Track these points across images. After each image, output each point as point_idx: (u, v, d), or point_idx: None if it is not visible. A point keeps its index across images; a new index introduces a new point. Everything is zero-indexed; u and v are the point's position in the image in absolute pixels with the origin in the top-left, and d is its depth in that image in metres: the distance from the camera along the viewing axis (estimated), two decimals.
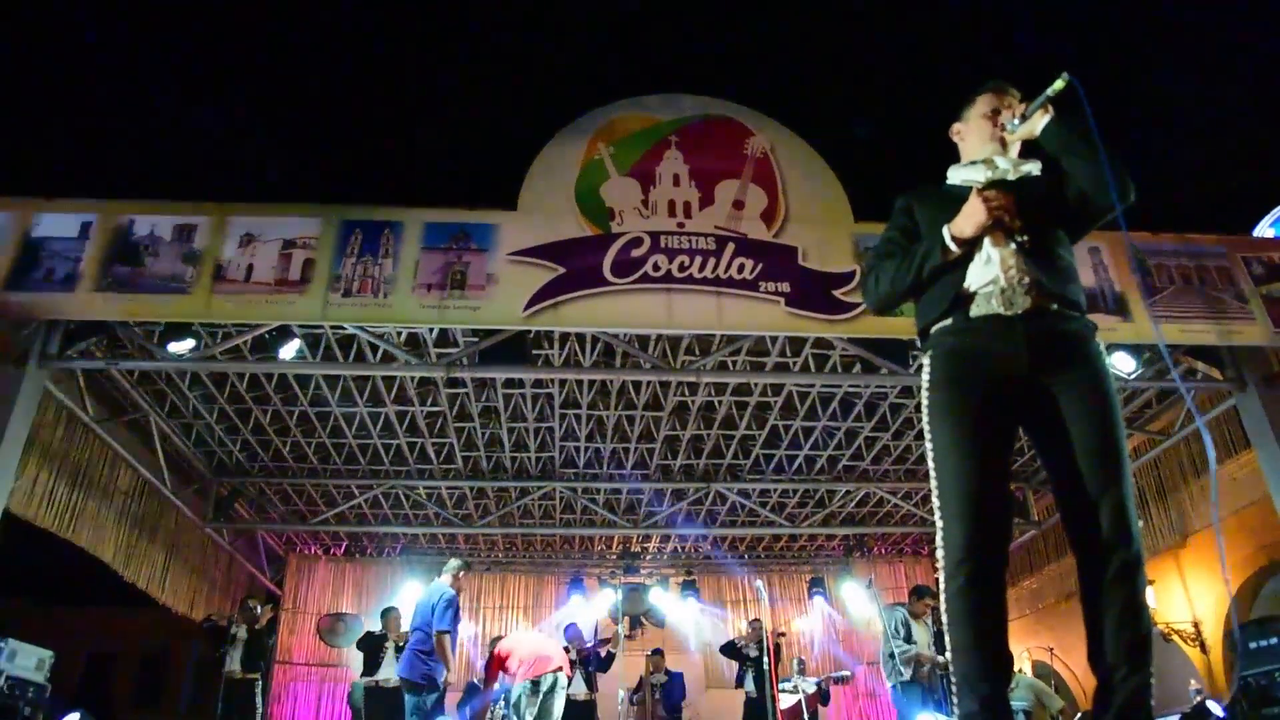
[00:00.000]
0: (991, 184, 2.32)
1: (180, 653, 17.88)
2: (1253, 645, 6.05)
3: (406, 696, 6.67)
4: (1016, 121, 2.39)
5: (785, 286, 6.42)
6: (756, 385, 8.89)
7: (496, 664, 7.74)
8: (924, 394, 2.26)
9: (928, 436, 2.21)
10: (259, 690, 8.65)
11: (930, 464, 2.18)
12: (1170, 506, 9.40)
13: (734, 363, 8.12)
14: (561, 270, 6.33)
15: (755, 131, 7.01)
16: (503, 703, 7.95)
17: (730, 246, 6.51)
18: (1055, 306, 2.20)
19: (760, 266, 6.46)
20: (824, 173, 6.91)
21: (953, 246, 2.24)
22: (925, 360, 2.30)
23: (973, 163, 2.47)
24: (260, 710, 8.80)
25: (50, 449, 7.23)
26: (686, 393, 9.06)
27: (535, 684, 7.46)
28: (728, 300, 6.37)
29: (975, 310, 2.22)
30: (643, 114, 7.00)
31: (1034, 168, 2.40)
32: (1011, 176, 2.37)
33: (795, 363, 8.12)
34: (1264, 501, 7.29)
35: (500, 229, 6.47)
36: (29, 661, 6.29)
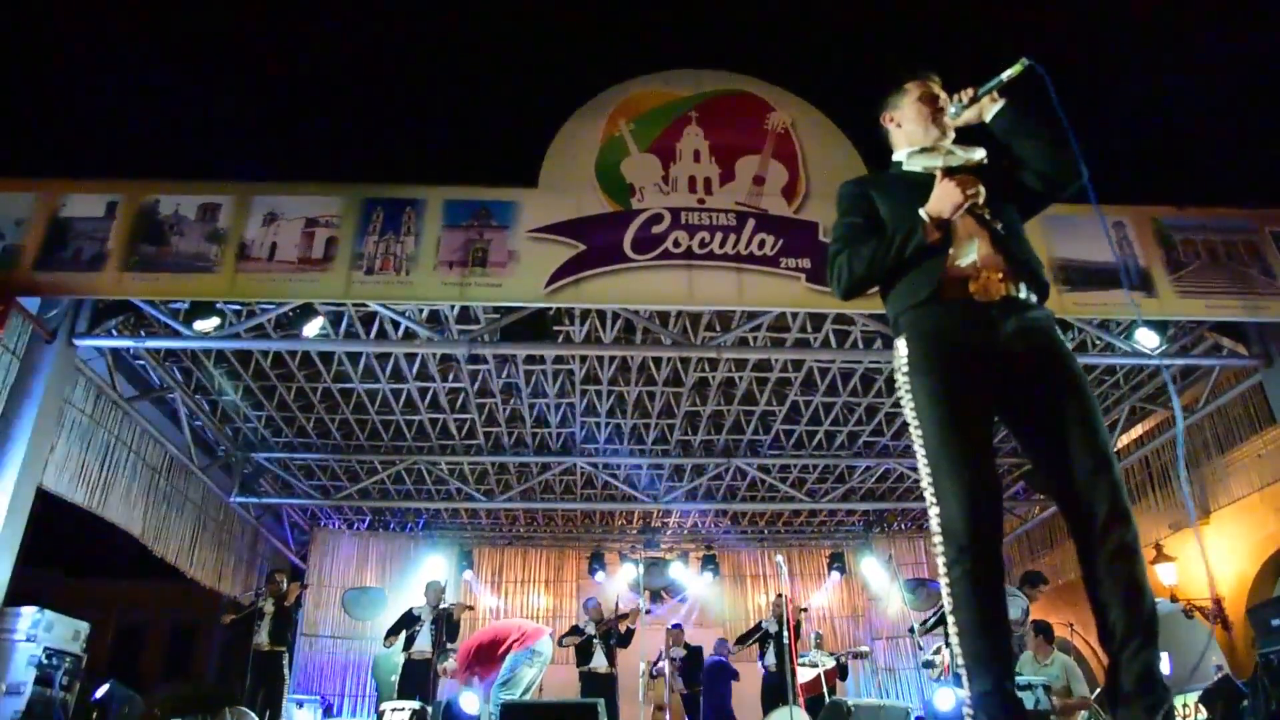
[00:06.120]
0: (951, 170, 2.33)
1: (208, 625, 18.20)
2: (1274, 622, 6.05)
3: None
4: (963, 103, 2.38)
5: (806, 262, 6.41)
6: (777, 361, 8.89)
7: (487, 649, 7.34)
8: (903, 377, 2.25)
9: (913, 420, 2.20)
10: (286, 662, 8.81)
11: (920, 447, 2.17)
12: (1193, 482, 9.37)
13: (754, 339, 8.12)
14: (582, 247, 6.35)
15: (776, 107, 6.97)
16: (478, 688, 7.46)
17: (751, 222, 6.50)
18: (1025, 294, 2.23)
19: (781, 242, 6.46)
20: (845, 148, 6.87)
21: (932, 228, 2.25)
22: (901, 343, 2.29)
23: (924, 149, 2.46)
24: (288, 681, 8.96)
25: (80, 426, 7.34)
26: (707, 368, 9.07)
27: (535, 651, 7.26)
28: (748, 276, 6.38)
29: (952, 295, 2.22)
30: (663, 90, 6.97)
31: (982, 155, 2.40)
32: (968, 163, 2.38)
33: (816, 338, 8.12)
34: None
35: (521, 206, 6.49)
36: (66, 632, 6.46)
